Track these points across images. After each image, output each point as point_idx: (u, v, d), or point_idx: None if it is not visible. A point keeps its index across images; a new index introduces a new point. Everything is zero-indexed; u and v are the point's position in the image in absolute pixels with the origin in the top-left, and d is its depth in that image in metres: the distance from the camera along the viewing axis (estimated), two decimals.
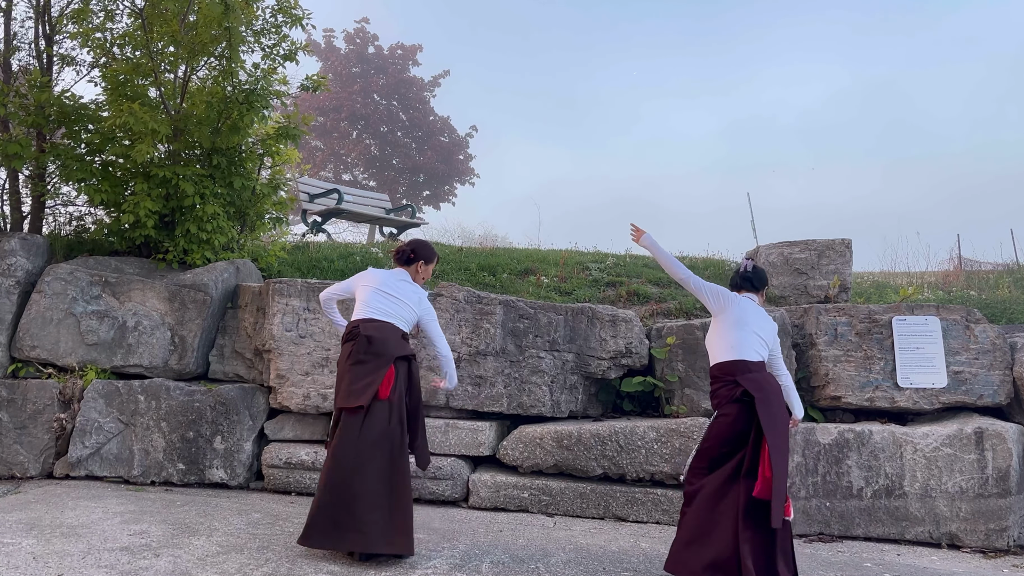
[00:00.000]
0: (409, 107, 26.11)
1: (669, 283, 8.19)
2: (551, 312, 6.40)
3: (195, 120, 7.16)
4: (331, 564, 4.24)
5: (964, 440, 5.63)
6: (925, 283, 9.51)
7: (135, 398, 6.25)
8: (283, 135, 7.65)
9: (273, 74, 7.55)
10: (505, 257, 8.92)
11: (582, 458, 5.88)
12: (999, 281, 9.43)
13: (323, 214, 11.20)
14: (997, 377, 6.05)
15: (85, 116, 7.24)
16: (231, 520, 5.10)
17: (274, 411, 6.47)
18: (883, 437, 5.72)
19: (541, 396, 6.25)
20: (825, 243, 7.54)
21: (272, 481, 6.16)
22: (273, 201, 7.84)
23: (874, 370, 6.12)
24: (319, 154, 25.06)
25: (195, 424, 6.21)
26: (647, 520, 5.76)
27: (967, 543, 5.52)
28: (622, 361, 6.42)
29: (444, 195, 26.55)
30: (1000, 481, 5.56)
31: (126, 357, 6.52)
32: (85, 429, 6.17)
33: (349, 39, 26.36)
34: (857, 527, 5.64)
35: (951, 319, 6.18)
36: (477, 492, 5.94)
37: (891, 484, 5.65)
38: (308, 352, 6.30)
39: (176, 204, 6.97)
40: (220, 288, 6.80)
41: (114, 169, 7.21)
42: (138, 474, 6.16)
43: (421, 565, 4.31)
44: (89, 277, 6.66)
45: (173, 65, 7.39)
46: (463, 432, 6.07)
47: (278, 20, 7.53)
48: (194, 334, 6.57)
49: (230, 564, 4.16)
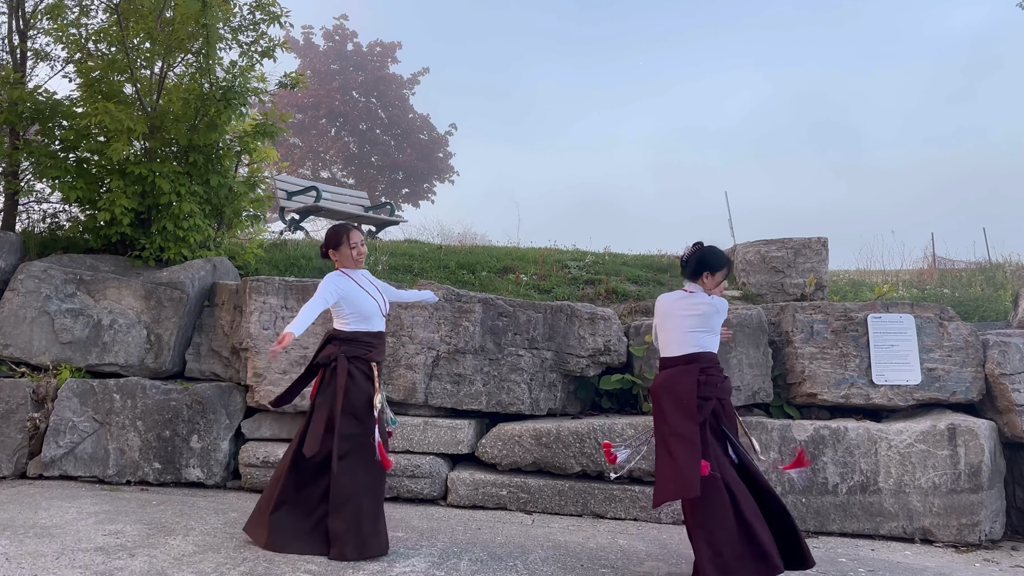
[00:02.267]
0: (388, 104, 26.03)
1: (647, 281, 8.23)
2: (530, 310, 6.41)
3: (172, 117, 7.11)
4: (309, 563, 4.23)
5: (937, 436, 5.70)
6: (900, 281, 9.62)
7: (110, 397, 6.19)
8: (261, 132, 7.60)
9: (251, 71, 7.50)
10: (484, 255, 8.93)
11: (561, 455, 5.89)
12: (972, 279, 9.55)
13: (301, 212, 11.14)
14: (969, 374, 6.13)
15: (59, 112, 7.16)
16: (208, 519, 5.07)
17: (251, 410, 6.44)
18: (858, 434, 5.78)
19: (520, 394, 6.26)
20: (802, 241, 7.60)
21: (249, 480, 6.13)
22: (250, 199, 7.79)
23: (850, 367, 6.18)
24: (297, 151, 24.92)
25: (171, 423, 6.17)
26: (625, 517, 5.78)
27: (940, 538, 5.59)
28: (601, 359, 6.44)
29: (423, 193, 26.49)
30: (972, 476, 5.63)
31: (101, 356, 6.47)
32: (59, 428, 6.10)
33: (328, 36, 26.23)
34: (832, 523, 5.69)
35: (925, 317, 6.25)
36: (456, 490, 5.94)
37: (866, 480, 5.71)
38: (286, 351, 6.27)
39: (152, 201, 6.92)
40: (197, 286, 6.75)
41: (89, 166, 7.14)
42: (113, 474, 6.11)
43: (400, 563, 4.31)
44: (63, 275, 6.60)
45: (149, 62, 7.33)
46: (442, 430, 6.06)
47: (256, 17, 7.49)
48: (170, 332, 6.53)
49: (207, 564, 4.14)
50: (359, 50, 26.33)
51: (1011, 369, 6.03)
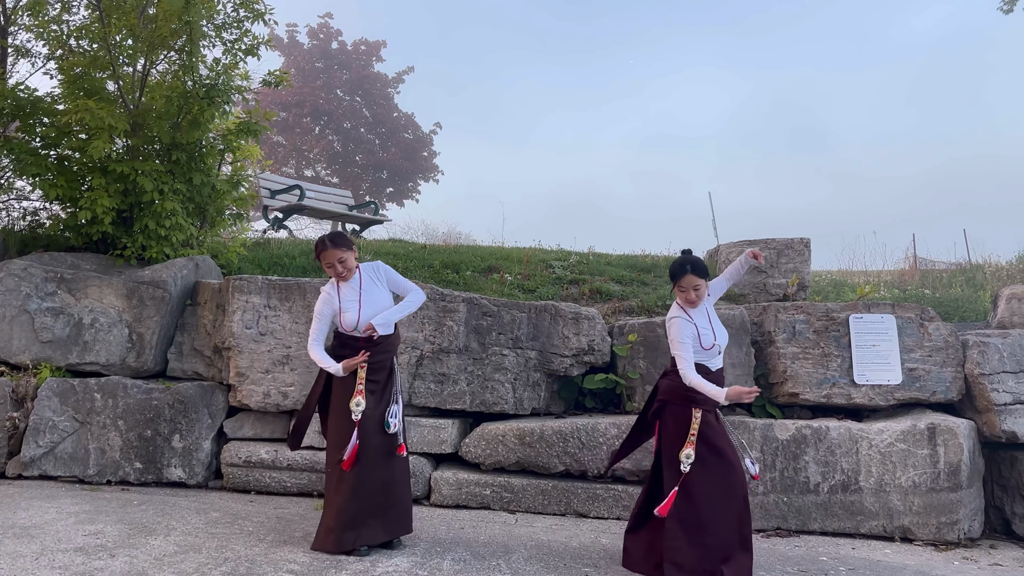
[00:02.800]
0: (373, 103, 25.98)
1: (631, 281, 8.25)
2: (514, 310, 6.42)
3: (154, 115, 7.06)
4: (291, 563, 4.21)
5: (917, 436, 5.75)
6: (882, 282, 9.69)
7: (91, 396, 6.15)
8: (244, 131, 7.56)
9: (234, 69, 7.46)
10: (469, 254, 8.92)
11: (544, 455, 5.90)
12: (952, 280, 9.64)
13: (284, 210, 11.10)
14: (949, 374, 6.19)
15: (40, 109, 7.10)
16: (189, 519, 5.05)
17: (234, 409, 6.41)
18: (840, 433, 5.82)
19: (504, 393, 6.26)
20: (784, 242, 7.64)
21: (231, 480, 6.10)
22: (233, 197, 7.75)
23: (831, 367, 6.22)
24: (281, 150, 24.83)
25: (153, 422, 6.13)
26: (608, 516, 5.80)
27: (919, 536, 5.64)
28: (585, 358, 6.45)
29: (408, 192, 26.47)
30: (952, 475, 5.68)
31: (82, 355, 6.42)
32: (39, 428, 6.06)
33: (312, 34, 26.15)
34: (814, 522, 5.73)
35: (906, 317, 6.30)
36: (439, 490, 5.94)
37: (847, 479, 5.75)
38: (268, 350, 6.25)
39: (134, 200, 6.87)
40: (179, 285, 6.71)
41: (70, 164, 7.08)
42: (94, 473, 6.07)
43: (383, 562, 4.30)
44: (44, 273, 6.54)
45: (132, 59, 7.27)
46: (425, 430, 6.06)
47: (240, 15, 7.44)
48: (152, 331, 6.49)
49: (188, 564, 4.12)
50: (344, 48, 26.28)
51: (990, 369, 6.08)
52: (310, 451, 6.05)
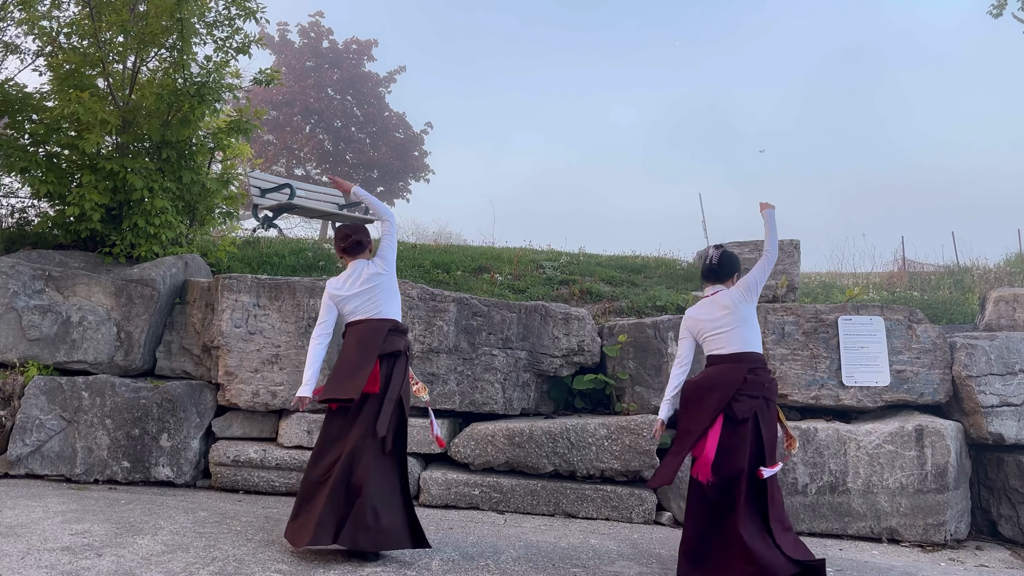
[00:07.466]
0: (364, 102, 25.90)
1: (621, 282, 8.27)
2: (504, 310, 6.42)
3: (144, 112, 7.03)
4: (279, 563, 4.20)
5: (905, 437, 5.78)
6: (870, 283, 9.73)
7: (79, 395, 6.12)
8: (235, 129, 7.54)
9: (225, 67, 7.43)
10: (459, 254, 8.92)
11: (533, 455, 5.90)
12: (940, 282, 9.69)
13: (274, 209, 11.04)
14: (937, 376, 6.22)
15: (29, 105, 7.06)
16: (177, 519, 5.02)
17: (222, 408, 6.39)
18: (828, 435, 5.84)
19: (493, 393, 6.26)
20: None
21: (219, 479, 6.08)
22: (223, 196, 7.72)
23: (820, 369, 6.24)
24: (271, 148, 24.73)
25: (141, 421, 6.10)
26: (597, 517, 5.80)
27: (906, 538, 5.67)
28: (574, 359, 6.46)
29: (398, 191, 26.40)
30: (938, 477, 5.71)
31: (70, 353, 6.39)
32: (26, 426, 6.02)
33: (303, 33, 26.04)
34: (802, 523, 5.75)
35: (895, 319, 6.33)
36: (428, 490, 5.94)
37: (835, 480, 5.77)
38: (258, 349, 6.23)
39: (124, 197, 6.83)
40: (168, 283, 6.68)
41: (59, 160, 7.05)
42: (81, 472, 6.04)
43: (370, 563, 4.29)
44: (32, 271, 6.50)
45: (122, 56, 7.23)
46: (414, 430, 6.04)
47: (231, 12, 7.41)
48: (141, 330, 6.46)
49: (175, 563, 4.10)
50: (335, 47, 26.18)
51: (977, 371, 6.12)
52: (298, 450, 6.04)
